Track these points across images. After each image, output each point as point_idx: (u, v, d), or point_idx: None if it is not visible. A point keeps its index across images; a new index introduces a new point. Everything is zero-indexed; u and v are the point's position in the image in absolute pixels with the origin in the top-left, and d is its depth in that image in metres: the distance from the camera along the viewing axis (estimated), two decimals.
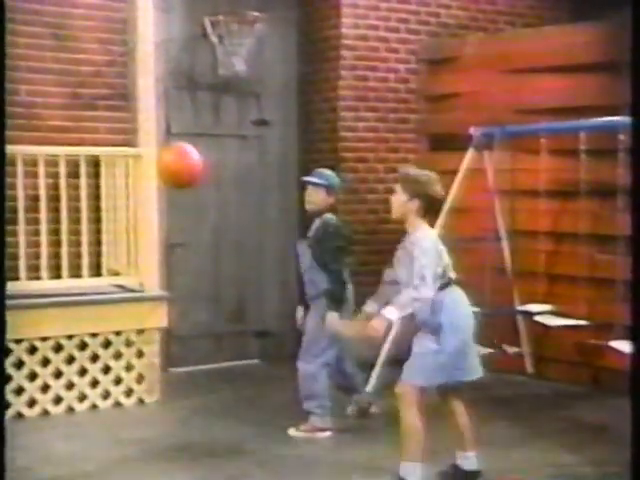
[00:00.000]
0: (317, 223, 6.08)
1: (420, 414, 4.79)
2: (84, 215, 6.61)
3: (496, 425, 6.16)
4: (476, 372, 4.99)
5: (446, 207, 7.16)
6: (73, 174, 6.65)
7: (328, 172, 6.28)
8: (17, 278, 6.20)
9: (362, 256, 8.13)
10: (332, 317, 5.86)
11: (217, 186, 8.10)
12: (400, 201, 4.89)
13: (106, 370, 6.61)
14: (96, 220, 6.94)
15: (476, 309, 6.89)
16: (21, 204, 6.29)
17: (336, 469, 5.34)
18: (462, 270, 7.75)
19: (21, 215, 6.30)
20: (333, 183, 6.19)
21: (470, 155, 7.15)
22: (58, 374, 6.45)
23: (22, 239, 6.29)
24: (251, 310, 8.36)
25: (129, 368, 6.69)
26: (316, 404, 6.01)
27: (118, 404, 6.66)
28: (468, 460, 4.98)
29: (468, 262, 7.67)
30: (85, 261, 6.58)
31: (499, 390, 7.23)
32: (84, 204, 6.62)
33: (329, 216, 6.11)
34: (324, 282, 5.97)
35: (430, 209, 4.95)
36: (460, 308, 4.94)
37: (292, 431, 6.01)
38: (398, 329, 6.57)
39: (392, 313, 4.79)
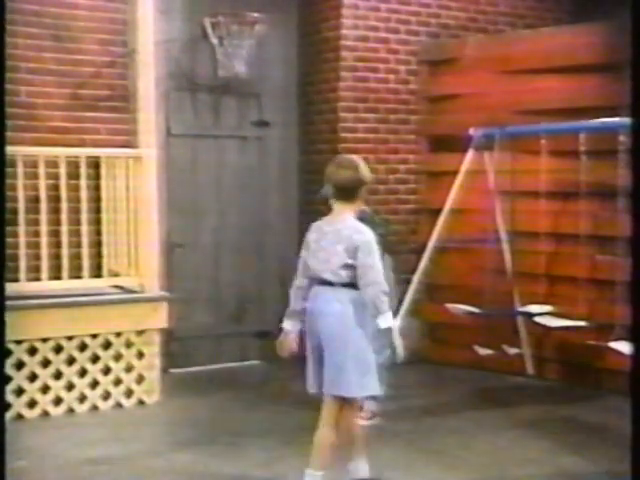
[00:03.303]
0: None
1: (324, 421, 4.69)
2: (84, 216, 6.61)
3: (496, 426, 6.17)
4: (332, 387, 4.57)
5: (446, 208, 7.19)
6: (73, 175, 6.65)
7: None
8: (17, 279, 6.21)
9: None
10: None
11: (217, 187, 8.11)
12: None
13: (106, 371, 6.61)
14: (96, 221, 6.94)
15: (475, 309, 6.95)
16: (21, 205, 6.29)
17: (342, 468, 5.34)
18: (462, 271, 7.83)
19: (21, 216, 6.30)
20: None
21: (470, 156, 7.16)
22: (58, 375, 6.45)
23: (22, 240, 6.29)
24: (251, 311, 8.36)
25: (129, 369, 6.69)
26: (382, 390, 6.18)
27: (118, 405, 6.66)
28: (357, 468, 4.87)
29: (468, 263, 7.72)
30: (85, 262, 6.58)
31: (499, 391, 7.24)
32: (84, 205, 6.62)
33: (365, 209, 6.33)
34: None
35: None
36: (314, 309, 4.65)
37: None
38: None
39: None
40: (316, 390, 4.67)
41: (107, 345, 6.60)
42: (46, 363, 6.40)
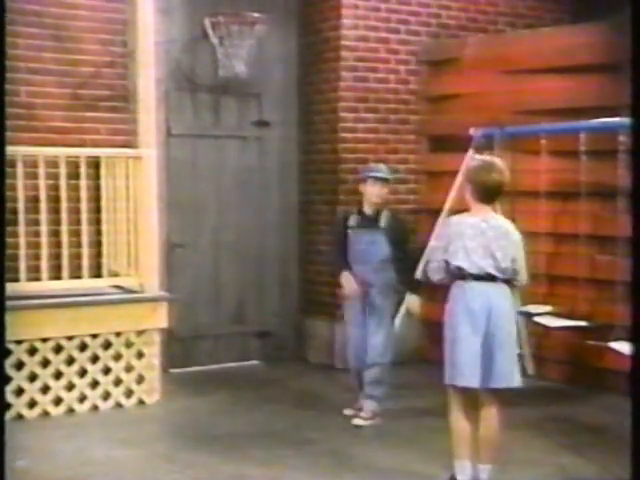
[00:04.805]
0: (386, 215, 6.35)
1: (464, 414, 4.85)
2: (84, 216, 6.62)
3: None
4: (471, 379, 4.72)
5: (446, 208, 7.18)
6: (73, 175, 6.66)
7: (382, 166, 6.59)
8: (17, 279, 6.21)
9: None
10: (415, 300, 6.32)
11: (217, 187, 8.11)
12: None
13: (106, 371, 6.61)
14: (96, 221, 6.94)
15: None
16: (21, 205, 6.29)
17: (343, 468, 5.34)
18: None
19: (21, 216, 6.30)
20: (392, 177, 6.61)
21: (470, 156, 7.15)
22: (58, 375, 6.45)
23: (22, 240, 6.29)
24: (251, 311, 8.36)
25: (129, 369, 6.69)
26: (382, 391, 6.33)
27: (118, 405, 6.66)
28: (478, 475, 4.81)
29: None
30: (85, 262, 6.58)
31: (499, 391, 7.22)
32: (84, 205, 6.62)
33: (389, 210, 6.46)
34: (392, 272, 6.26)
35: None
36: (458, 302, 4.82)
37: (357, 421, 6.26)
38: None
39: None
40: (478, 384, 4.73)
41: (107, 345, 6.60)
42: (46, 363, 6.40)
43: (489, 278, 4.70)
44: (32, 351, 6.35)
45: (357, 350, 6.36)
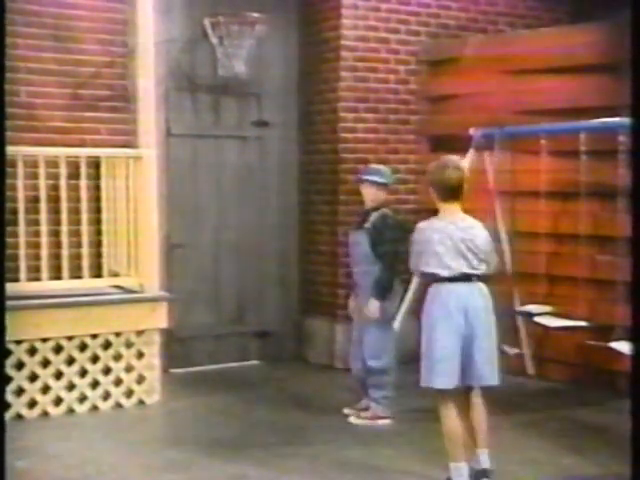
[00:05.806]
0: (375, 215, 6.30)
1: (455, 414, 4.81)
2: (84, 216, 6.62)
3: (496, 426, 6.16)
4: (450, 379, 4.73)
5: None
6: (73, 175, 6.66)
7: (382, 168, 6.54)
8: (17, 279, 6.21)
9: None
10: (373, 304, 6.13)
11: (217, 187, 8.11)
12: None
13: (106, 371, 6.61)
14: (96, 221, 6.95)
15: None
16: (21, 205, 6.29)
17: (343, 468, 5.34)
18: None
19: (21, 216, 6.30)
20: (391, 180, 6.52)
21: (470, 156, 7.15)
22: (58, 375, 6.45)
23: (22, 240, 6.29)
24: (251, 311, 8.36)
25: (129, 369, 6.69)
26: (382, 394, 6.32)
27: (118, 405, 6.66)
28: (479, 459, 4.90)
29: None
30: (85, 262, 6.58)
31: (499, 391, 7.22)
32: (84, 205, 6.62)
33: (386, 210, 6.37)
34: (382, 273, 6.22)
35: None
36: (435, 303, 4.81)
37: (353, 419, 6.30)
38: None
39: None
40: (457, 383, 4.74)
41: (107, 345, 6.60)
42: (46, 363, 6.40)
43: (464, 278, 4.75)
44: (32, 351, 6.35)
45: (354, 352, 6.40)
